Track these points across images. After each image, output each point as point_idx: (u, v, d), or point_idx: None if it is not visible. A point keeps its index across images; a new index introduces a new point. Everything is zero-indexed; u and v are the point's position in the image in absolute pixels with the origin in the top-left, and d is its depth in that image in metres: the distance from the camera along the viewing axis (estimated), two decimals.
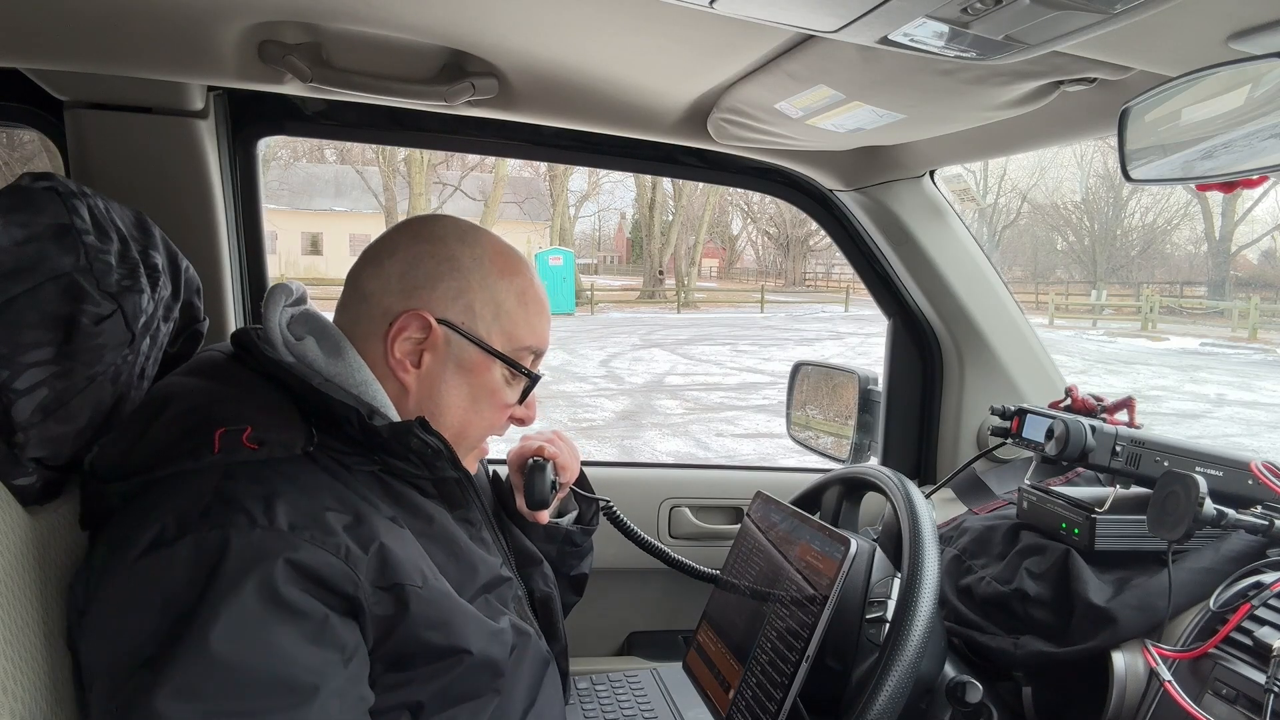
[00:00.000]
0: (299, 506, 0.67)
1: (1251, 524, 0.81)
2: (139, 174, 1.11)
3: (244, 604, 0.60)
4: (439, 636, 0.71)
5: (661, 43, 0.85)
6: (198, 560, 0.62)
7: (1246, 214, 29.89)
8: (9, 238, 0.67)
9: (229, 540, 0.62)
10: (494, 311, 0.82)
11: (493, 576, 0.82)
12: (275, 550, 0.63)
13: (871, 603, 0.91)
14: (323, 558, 0.65)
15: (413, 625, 0.69)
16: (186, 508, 0.64)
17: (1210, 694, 0.76)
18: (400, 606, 0.69)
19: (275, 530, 0.64)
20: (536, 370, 0.87)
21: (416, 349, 0.80)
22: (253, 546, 0.62)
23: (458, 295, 0.81)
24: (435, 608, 0.71)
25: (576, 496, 1.10)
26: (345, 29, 0.86)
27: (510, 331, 0.83)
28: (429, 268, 0.81)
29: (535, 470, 0.99)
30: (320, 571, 0.64)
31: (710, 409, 9.21)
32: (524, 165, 28.19)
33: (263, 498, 0.66)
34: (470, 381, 0.82)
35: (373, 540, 0.69)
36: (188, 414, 0.71)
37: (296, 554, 0.63)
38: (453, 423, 0.82)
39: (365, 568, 0.67)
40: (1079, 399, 1.15)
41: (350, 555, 0.66)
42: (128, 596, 0.62)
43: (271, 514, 0.65)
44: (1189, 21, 0.62)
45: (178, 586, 0.61)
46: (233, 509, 0.64)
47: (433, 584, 0.72)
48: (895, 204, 1.35)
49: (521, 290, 0.84)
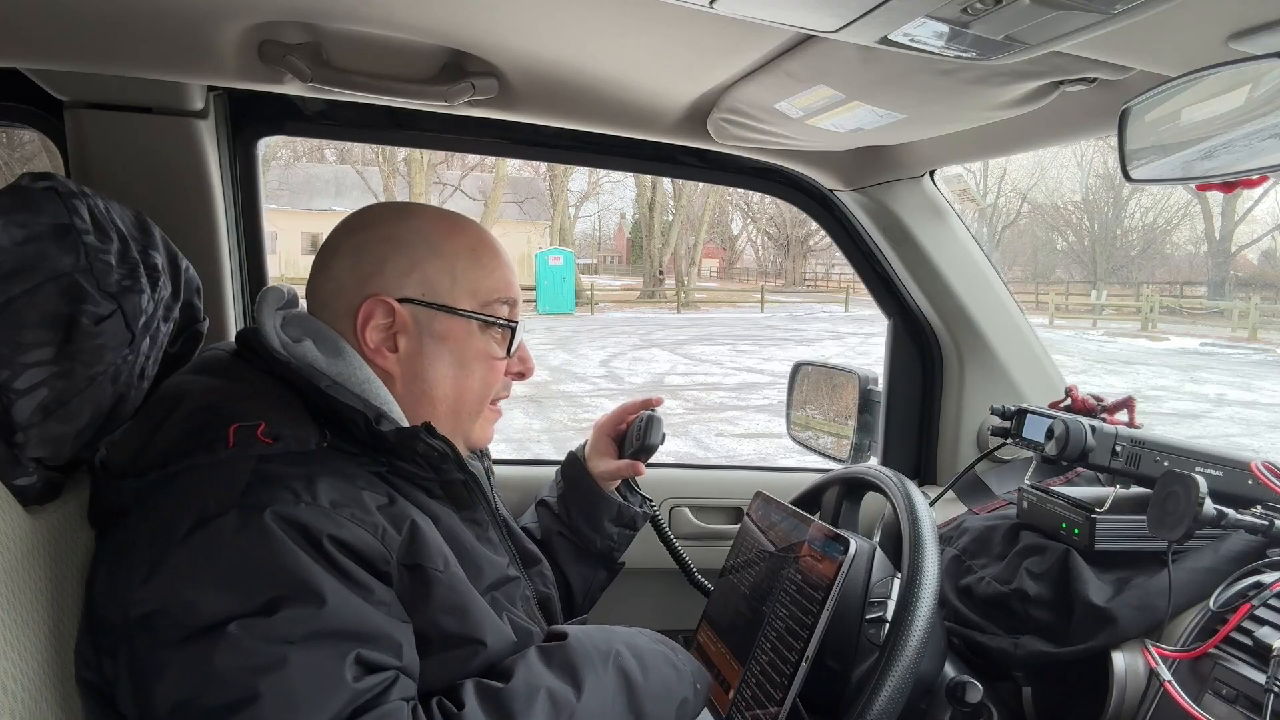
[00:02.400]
0: (338, 486, 0.69)
1: (1251, 524, 0.81)
2: (139, 174, 1.11)
3: (299, 560, 0.63)
4: (455, 623, 0.72)
5: (661, 43, 0.85)
6: (247, 530, 0.63)
7: (1246, 214, 29.94)
8: (9, 238, 0.67)
9: (276, 512, 0.64)
10: (450, 275, 0.82)
11: (499, 576, 0.82)
12: (320, 526, 0.65)
13: (871, 603, 0.91)
14: (362, 535, 0.67)
15: (432, 608, 0.71)
16: (224, 491, 0.65)
17: (1210, 694, 0.76)
18: (420, 586, 0.71)
19: (319, 507, 0.66)
20: (515, 319, 0.87)
21: (389, 334, 0.81)
22: (299, 519, 0.64)
23: (408, 270, 0.81)
24: (454, 593, 0.73)
25: (625, 489, 1.16)
26: (345, 29, 0.86)
27: (473, 289, 0.83)
28: (374, 253, 0.81)
29: (653, 420, 1.12)
30: (360, 548, 0.66)
31: (710, 409, 9.21)
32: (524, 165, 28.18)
33: (304, 477, 0.68)
34: (451, 349, 0.83)
35: (405, 518, 0.71)
36: (201, 410, 0.72)
37: (340, 531, 0.65)
38: (447, 394, 0.82)
39: (397, 547, 0.70)
40: (1079, 399, 1.15)
41: (386, 535, 0.69)
42: (183, 573, 0.62)
43: (314, 492, 0.67)
44: (1189, 21, 0.62)
45: (232, 554, 0.62)
46: (276, 487, 0.66)
47: (453, 570, 0.74)
48: (895, 204, 1.35)
49: (471, 246, 0.84)
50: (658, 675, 0.78)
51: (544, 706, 0.68)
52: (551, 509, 1.14)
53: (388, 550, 0.68)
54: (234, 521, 0.63)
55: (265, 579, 0.62)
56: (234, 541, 0.63)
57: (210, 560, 0.62)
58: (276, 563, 0.62)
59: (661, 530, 1.26)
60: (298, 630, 0.61)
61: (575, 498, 1.12)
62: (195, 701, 0.59)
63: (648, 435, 1.11)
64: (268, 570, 0.62)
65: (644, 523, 1.16)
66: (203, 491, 0.66)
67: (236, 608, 0.61)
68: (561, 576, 1.09)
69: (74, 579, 0.72)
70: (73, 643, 0.69)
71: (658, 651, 0.81)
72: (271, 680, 0.59)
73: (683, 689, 0.80)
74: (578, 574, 1.11)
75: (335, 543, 0.65)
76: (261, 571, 0.62)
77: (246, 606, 0.61)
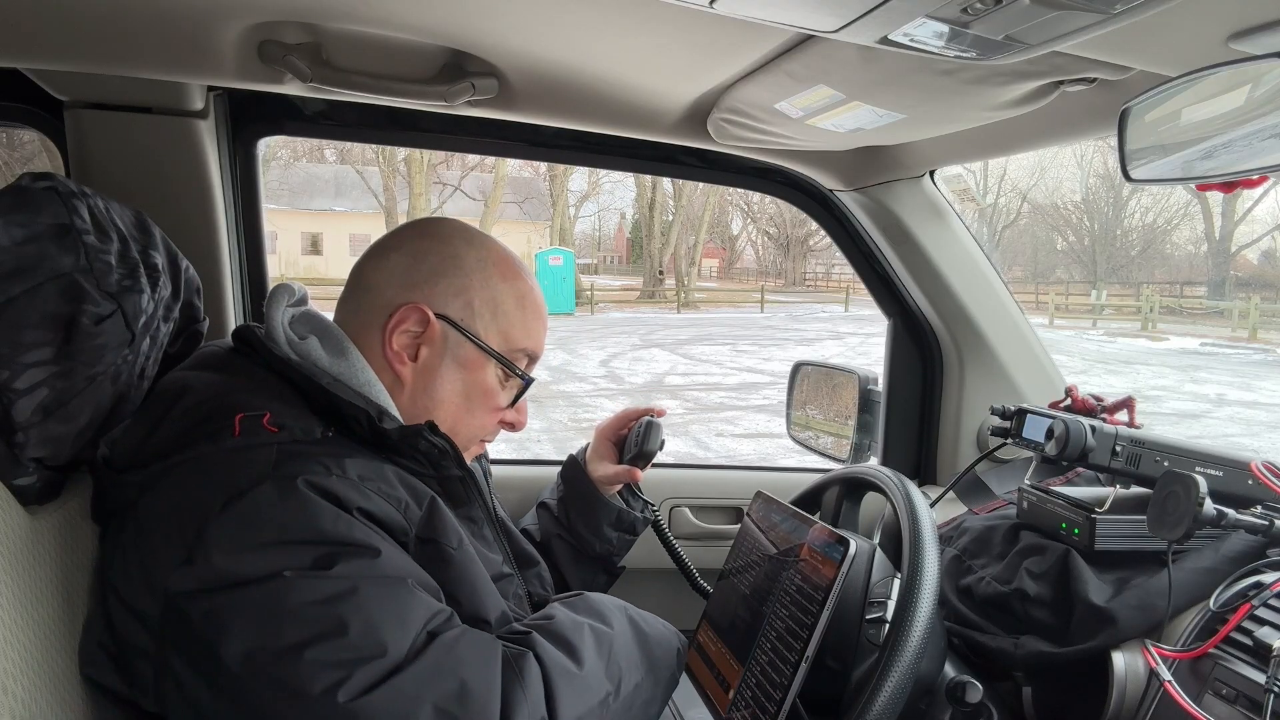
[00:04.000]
0: (364, 464, 0.71)
1: (1251, 524, 0.81)
2: (139, 174, 1.11)
3: (343, 519, 0.65)
4: (465, 600, 0.74)
5: (661, 43, 0.85)
6: (284, 497, 0.64)
7: (1246, 214, 29.92)
8: (9, 238, 0.67)
9: (309, 481, 0.65)
10: (492, 311, 0.84)
11: (495, 572, 0.83)
12: (351, 497, 0.66)
13: (871, 603, 0.91)
14: (386, 509, 0.69)
15: (446, 582, 0.72)
16: (252, 469, 0.66)
17: (1210, 694, 0.76)
18: (435, 561, 0.72)
19: (348, 479, 0.68)
20: (530, 375, 0.88)
21: (414, 342, 0.82)
22: (332, 488, 0.66)
23: (458, 292, 0.83)
24: (466, 571, 0.75)
25: (626, 494, 1.16)
26: (345, 29, 0.86)
27: (507, 332, 0.85)
28: (433, 263, 0.83)
29: (652, 425, 1.12)
30: (385, 520, 0.69)
31: (710, 409, 9.21)
32: (524, 165, 28.17)
33: (332, 455, 0.69)
34: (464, 379, 0.84)
35: (426, 495, 0.74)
36: (204, 402, 0.72)
37: (367, 503, 0.68)
38: (445, 419, 0.83)
39: (417, 521, 0.72)
40: (1079, 399, 1.15)
41: (408, 510, 0.72)
42: (232, 541, 0.62)
43: (343, 466, 0.69)
44: (1189, 21, 0.62)
45: (272, 518, 0.63)
46: (307, 460, 0.68)
47: (466, 549, 0.76)
48: (895, 204, 1.35)
49: (521, 294, 0.86)
50: (655, 626, 0.86)
51: (590, 637, 0.75)
52: (551, 511, 1.14)
53: (408, 523, 0.71)
54: (271, 491, 0.64)
55: (316, 539, 0.63)
56: (275, 509, 0.64)
57: (256, 527, 0.63)
58: (322, 524, 0.64)
59: (664, 535, 1.26)
60: (360, 574, 0.63)
61: (574, 501, 1.12)
62: (271, 643, 0.60)
63: (646, 441, 1.11)
64: (316, 530, 0.64)
65: (644, 528, 1.16)
66: (227, 471, 0.66)
67: (293, 563, 0.62)
68: (561, 579, 1.10)
69: (75, 578, 0.72)
70: (73, 642, 0.69)
71: (645, 612, 0.87)
72: (346, 607, 0.61)
73: (675, 640, 0.87)
74: (577, 577, 1.11)
75: (364, 514, 0.67)
76: (311, 532, 0.63)
77: (304, 562, 0.62)
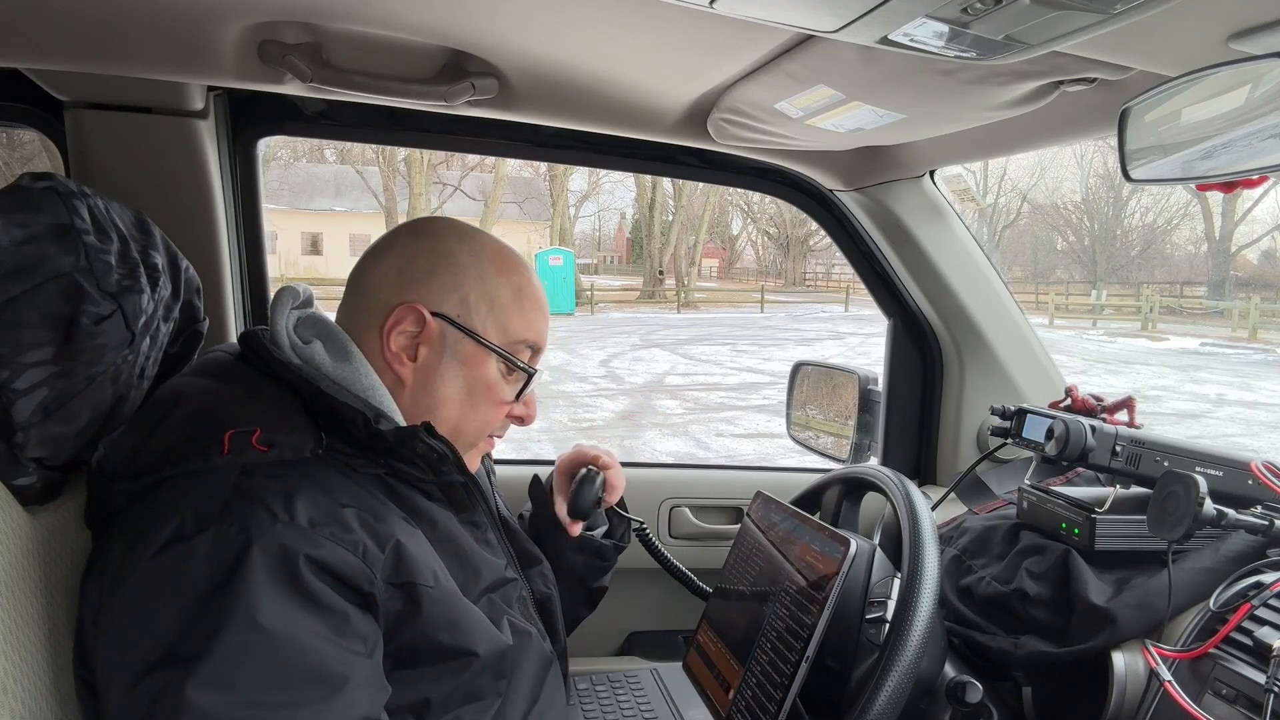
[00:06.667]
0: (318, 503, 0.67)
1: (1251, 524, 0.81)
2: (139, 174, 1.11)
3: (270, 596, 0.61)
4: (448, 637, 0.72)
5: (661, 43, 0.85)
6: (219, 554, 0.62)
7: (1246, 214, 29.91)
8: (9, 238, 0.67)
9: (250, 535, 0.63)
10: (489, 306, 0.83)
11: (497, 578, 0.82)
12: (297, 546, 0.63)
13: (871, 603, 0.91)
14: (342, 555, 0.65)
15: (424, 624, 0.70)
16: (204, 505, 0.65)
17: (1210, 694, 0.76)
18: (411, 604, 0.70)
19: (296, 526, 0.64)
20: (534, 366, 0.87)
21: (412, 343, 0.81)
22: (275, 541, 0.63)
23: (453, 289, 0.82)
24: (446, 608, 0.72)
25: (609, 513, 1.11)
26: (345, 29, 0.86)
27: (505, 325, 0.84)
28: (426, 262, 0.82)
29: (586, 480, 1.01)
30: (339, 569, 0.65)
31: (710, 409, 9.21)
32: (524, 165, 28.16)
33: (283, 494, 0.66)
34: (466, 375, 0.83)
35: (390, 538, 0.70)
36: (196, 415, 0.71)
37: (318, 551, 0.64)
38: (449, 417, 0.82)
39: (381, 565, 0.68)
40: (1079, 399, 1.15)
41: (368, 553, 0.67)
42: (149, 591, 0.62)
43: (292, 510, 0.65)
44: (1189, 21, 0.62)
45: (200, 580, 0.61)
46: (253, 504, 0.65)
47: (444, 584, 0.73)
48: (895, 204, 1.35)
49: (518, 287, 0.85)
50: None
51: None
52: (524, 526, 1.12)
53: (370, 569, 0.67)
54: (206, 545, 0.62)
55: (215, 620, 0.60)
56: (202, 568, 0.62)
57: (178, 580, 0.62)
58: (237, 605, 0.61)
59: (653, 549, 1.21)
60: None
61: (538, 525, 1.10)
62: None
63: (577, 498, 1.01)
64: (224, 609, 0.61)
65: (616, 555, 1.10)
66: (187, 503, 0.65)
67: (180, 645, 0.59)
68: None
69: (73, 579, 0.72)
70: (71, 642, 0.69)
71: None
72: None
73: None
74: (564, 589, 1.09)
75: (312, 563, 0.63)
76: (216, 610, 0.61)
77: (184, 651, 0.59)
